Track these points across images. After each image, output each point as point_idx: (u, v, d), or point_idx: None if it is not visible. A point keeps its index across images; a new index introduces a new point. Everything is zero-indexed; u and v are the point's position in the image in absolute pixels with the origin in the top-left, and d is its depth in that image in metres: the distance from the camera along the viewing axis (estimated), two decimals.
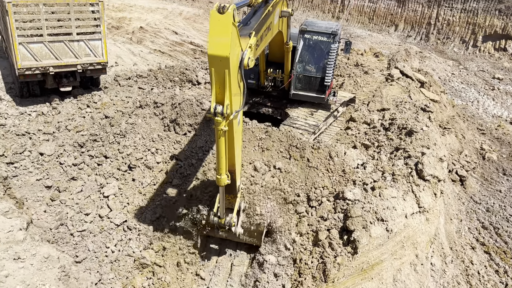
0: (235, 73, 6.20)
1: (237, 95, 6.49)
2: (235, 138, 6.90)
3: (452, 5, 30.41)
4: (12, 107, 12.48)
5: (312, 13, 38.81)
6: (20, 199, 9.28)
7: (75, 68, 12.56)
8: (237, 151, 7.17)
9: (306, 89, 11.92)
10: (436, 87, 16.37)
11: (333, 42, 11.24)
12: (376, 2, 35.41)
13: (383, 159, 9.94)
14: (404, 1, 33.34)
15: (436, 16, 31.20)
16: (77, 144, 11.16)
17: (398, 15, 33.85)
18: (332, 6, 38.09)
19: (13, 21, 11.26)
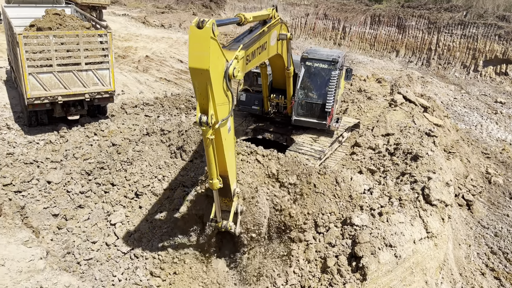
0: (219, 84, 6.41)
1: (224, 104, 6.71)
2: (225, 145, 7.06)
3: (451, 31, 30.90)
4: (21, 136, 12.64)
5: (314, 41, 39.46)
6: (37, 228, 9.32)
7: (83, 97, 12.78)
8: (228, 158, 7.32)
9: (308, 115, 12.04)
10: (440, 111, 16.49)
11: (334, 69, 11.40)
12: (376, 29, 36.02)
13: (390, 184, 9.94)
14: (404, 27, 33.92)
15: (436, 42, 31.66)
16: (84, 172, 11.26)
17: (399, 41, 34.36)
18: (334, 33, 38.74)
19: (24, 52, 11.54)
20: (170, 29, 35.27)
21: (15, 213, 9.47)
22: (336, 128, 12.41)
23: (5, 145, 11.92)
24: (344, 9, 39.15)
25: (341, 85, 12.98)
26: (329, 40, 38.76)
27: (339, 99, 13.34)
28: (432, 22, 32.22)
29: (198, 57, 5.99)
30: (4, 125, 12.95)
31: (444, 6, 33.32)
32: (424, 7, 34.44)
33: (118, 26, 32.37)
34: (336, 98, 12.41)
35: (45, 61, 11.93)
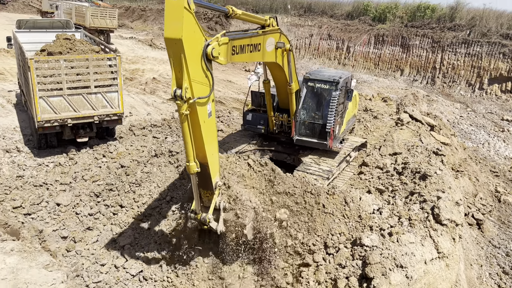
0: (194, 59, 6.64)
1: (203, 84, 6.91)
2: (203, 128, 7.13)
3: (456, 50, 31.12)
4: (30, 159, 12.76)
5: (318, 61, 39.85)
6: (54, 251, 9.33)
7: (92, 119, 12.93)
8: (208, 145, 7.36)
9: (309, 135, 12.09)
10: (446, 130, 16.49)
11: (335, 90, 11.46)
12: (380, 48, 36.37)
13: (399, 203, 9.90)
14: (408, 47, 34.22)
15: (440, 61, 31.87)
16: (93, 194, 11.31)
17: (403, 60, 34.63)
18: (338, 53, 39.13)
19: (35, 76, 11.75)
20: None
21: (33, 236, 9.53)
22: (339, 148, 12.38)
23: (15, 167, 12.03)
24: (348, 29, 39.63)
25: (348, 106, 13.00)
26: (333, 60, 39.13)
27: (347, 120, 13.28)
28: (436, 41, 32.50)
29: (172, 27, 6.24)
30: (14, 148, 13.09)
31: (448, 25, 33.65)
32: (428, 26, 34.80)
33: (125, 49, 32.92)
34: (341, 119, 12.44)
35: (55, 84, 12.12)
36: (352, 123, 14.64)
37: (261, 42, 9.39)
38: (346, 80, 12.07)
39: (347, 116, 13.20)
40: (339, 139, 12.52)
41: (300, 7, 47.46)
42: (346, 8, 44.29)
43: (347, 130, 13.66)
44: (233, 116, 17.94)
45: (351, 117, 14.03)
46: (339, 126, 12.24)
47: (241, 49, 8.42)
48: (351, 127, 14.56)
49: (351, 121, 14.10)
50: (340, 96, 11.69)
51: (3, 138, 13.70)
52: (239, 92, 23.87)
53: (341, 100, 11.91)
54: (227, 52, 7.69)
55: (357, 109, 15.40)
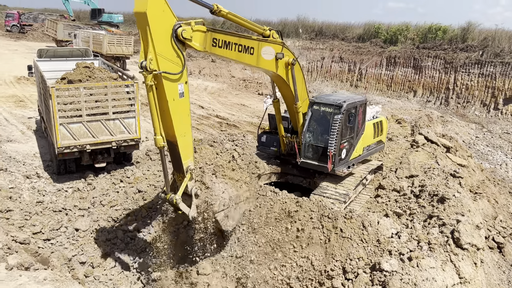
0: (161, 35, 7.22)
1: (171, 61, 7.47)
2: (172, 107, 7.58)
3: (469, 70, 31.07)
4: (50, 184, 12.98)
5: (330, 83, 40.10)
6: (82, 279, 9.41)
7: (110, 145, 13.16)
8: (178, 124, 7.75)
9: (313, 158, 12.10)
10: (463, 151, 16.34)
11: (338, 113, 11.47)
12: (393, 70, 36.49)
13: (417, 227, 9.78)
14: (421, 68, 34.28)
15: (454, 81, 31.81)
16: (111, 219, 11.43)
17: (416, 82, 34.64)
18: (350, 75, 39.35)
19: (56, 104, 12.07)
20: (190, 76, 36.39)
21: (62, 265, 9.63)
22: (343, 173, 12.19)
23: (35, 193, 12.25)
24: (360, 51, 39.94)
25: (364, 129, 12.79)
26: (345, 82, 39.33)
27: (365, 145, 12.99)
28: (448, 62, 32.52)
29: (140, 2, 6.94)
30: (35, 173, 13.34)
31: (460, 46, 33.70)
32: (440, 47, 34.89)
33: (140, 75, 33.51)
34: (351, 144, 12.23)
35: (75, 111, 12.42)
36: (376, 150, 14.13)
37: (254, 47, 9.76)
38: (353, 104, 11.90)
39: (364, 142, 12.94)
40: (346, 164, 12.30)
41: (312, 30, 48.08)
42: (357, 31, 44.72)
43: (364, 156, 13.34)
44: (248, 140, 18.04)
45: (373, 143, 13.63)
46: (346, 151, 12.09)
47: (225, 45, 8.83)
48: (373, 153, 14.16)
49: (372, 147, 13.66)
50: (344, 119, 11.59)
51: (23, 164, 14.00)
52: (253, 116, 24.08)
53: (348, 124, 11.83)
54: (204, 40, 8.23)
55: (384, 135, 14.58)
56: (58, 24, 45.23)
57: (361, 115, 12.56)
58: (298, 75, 11.74)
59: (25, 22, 62.41)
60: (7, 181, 12.33)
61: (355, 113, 12.06)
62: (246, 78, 37.64)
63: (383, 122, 14.23)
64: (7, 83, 26.91)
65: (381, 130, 14.03)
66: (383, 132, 14.29)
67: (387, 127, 14.84)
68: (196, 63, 40.47)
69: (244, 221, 10.03)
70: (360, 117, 12.53)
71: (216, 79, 36.36)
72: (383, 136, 14.39)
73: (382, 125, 14.16)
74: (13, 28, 62.13)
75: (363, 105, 12.55)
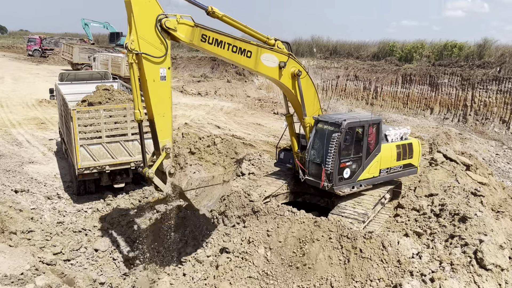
0: (144, 21, 8.07)
1: (154, 47, 8.29)
2: (152, 87, 8.35)
3: (486, 87, 30.74)
4: (70, 205, 13.18)
5: (346, 101, 40.08)
6: None
7: (129, 165, 13.34)
8: (156, 105, 8.51)
9: (315, 175, 12.07)
10: (483, 169, 16.07)
11: (336, 132, 11.44)
12: (408, 87, 36.32)
13: (439, 247, 9.60)
14: (437, 85, 34.05)
15: (471, 98, 31.47)
16: (130, 240, 11.50)
17: (432, 99, 34.37)
18: (365, 93, 39.28)
19: (76, 126, 12.34)
20: (207, 96, 36.84)
21: (87, 286, 9.69)
22: (344, 193, 11.99)
23: (55, 214, 12.44)
24: (374, 70, 39.94)
25: (380, 150, 12.48)
26: (361, 100, 39.26)
27: (381, 167, 12.68)
28: (465, 79, 32.26)
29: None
30: (55, 194, 13.58)
31: (476, 63, 33.46)
32: (456, 64, 34.69)
33: None
34: (357, 164, 12.08)
35: (95, 133, 12.68)
36: (403, 173, 13.52)
37: (252, 51, 10.34)
38: (357, 123, 11.75)
39: (383, 163, 12.61)
40: (350, 184, 12.08)
41: (326, 50, 48.39)
42: (371, 49, 44.85)
43: (385, 179, 12.99)
44: (264, 159, 18.09)
45: (398, 166, 13.15)
46: (350, 170, 11.94)
47: (216, 42, 9.52)
48: (398, 176, 13.52)
49: (396, 170, 13.17)
50: (343, 138, 11.46)
51: (44, 185, 14.26)
52: (269, 135, 24.15)
53: (346, 143, 11.68)
54: (192, 34, 9.03)
55: (416, 159, 13.76)
56: (74, 47, 46.59)
57: (374, 135, 12.31)
58: (308, 89, 11.93)
59: (46, 47, 64.39)
60: (29, 202, 12.57)
61: (363, 132, 11.94)
62: (261, 98, 37.89)
63: (413, 144, 13.59)
64: (29, 106, 27.64)
65: (409, 153, 13.38)
66: (413, 155, 13.57)
67: (420, 150, 13.99)
68: (212, 84, 41.02)
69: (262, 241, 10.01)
70: (373, 137, 12.29)
71: (232, 99, 36.71)
72: (414, 159, 13.66)
73: (412, 147, 13.51)
74: (35, 52, 64.12)
75: (376, 124, 12.31)
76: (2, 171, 14.61)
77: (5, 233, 10.16)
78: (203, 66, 52.43)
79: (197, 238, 11.03)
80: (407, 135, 13.65)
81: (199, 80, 44.62)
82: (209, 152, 9.52)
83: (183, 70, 53.45)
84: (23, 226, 11.16)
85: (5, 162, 15.68)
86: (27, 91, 32.54)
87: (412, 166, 13.71)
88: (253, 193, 11.59)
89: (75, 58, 45.91)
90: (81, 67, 44.69)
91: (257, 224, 10.79)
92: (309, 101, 11.95)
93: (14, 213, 11.89)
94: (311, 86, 12.24)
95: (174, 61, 57.38)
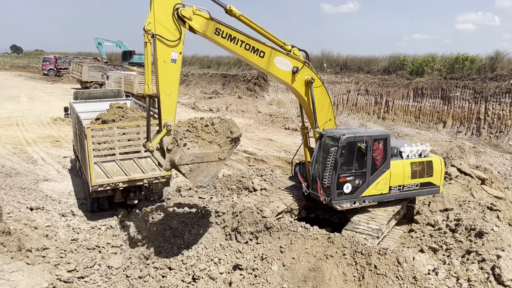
0: (162, 7, 8.92)
1: (168, 31, 9.04)
2: (161, 67, 9.05)
3: (500, 100, 30.48)
4: (84, 222, 13.28)
5: (357, 116, 40.02)
6: None
7: (142, 182, 13.44)
8: (164, 84, 9.17)
9: (315, 189, 12.02)
10: (499, 183, 15.84)
11: (334, 146, 11.39)
12: (420, 101, 36.17)
13: (455, 263, 9.43)
14: (449, 98, 33.86)
15: (485, 111, 31.20)
16: (143, 256, 11.51)
17: (444, 112, 34.15)
18: (377, 108, 39.20)
19: (91, 144, 12.52)
20: (218, 112, 37.09)
21: None
22: (342, 208, 11.76)
23: (70, 231, 12.54)
24: (386, 84, 39.92)
25: (389, 166, 12.09)
26: (372, 114, 39.18)
27: (392, 184, 12.27)
28: (478, 92, 32.05)
29: None
30: (69, 211, 13.71)
31: (489, 75, 33.26)
32: (468, 77, 34.52)
33: None
34: (360, 179, 11.90)
35: (108, 150, 12.83)
36: (420, 192, 12.81)
37: (266, 51, 10.86)
38: (358, 138, 11.56)
39: (394, 180, 12.22)
40: (352, 199, 11.86)
41: (336, 65, 48.56)
42: (382, 63, 44.88)
43: (397, 197, 12.50)
44: (276, 174, 18.07)
45: (413, 184, 12.53)
46: (351, 186, 11.79)
47: (229, 37, 10.20)
48: (414, 195, 12.97)
49: (411, 188, 12.55)
50: (341, 152, 11.27)
51: (59, 203, 14.42)
52: (280, 150, 24.18)
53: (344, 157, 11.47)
54: (206, 26, 9.77)
55: (437, 178, 12.87)
56: (83, 66, 47.24)
57: (381, 151, 11.98)
58: (321, 99, 12.06)
59: (61, 66, 65.77)
60: (44, 220, 12.71)
61: (366, 148, 11.75)
62: (273, 113, 38.03)
63: (433, 162, 12.82)
64: (44, 124, 28.13)
65: (427, 171, 12.70)
66: (433, 174, 12.78)
67: (443, 169, 13.13)
68: (223, 100, 41.34)
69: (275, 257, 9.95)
70: (379, 153, 11.99)
71: (243, 114, 36.91)
72: (434, 178, 12.83)
73: (432, 166, 12.76)
74: (49, 71, 65.51)
75: (383, 140, 11.94)
76: (18, 189, 14.83)
77: (22, 250, 10.26)
78: (214, 83, 52.97)
79: (210, 254, 10.99)
80: (426, 152, 13.00)
81: (210, 97, 45.05)
82: (206, 131, 9.87)
83: (195, 87, 54.03)
84: (38, 244, 11.27)
85: (20, 180, 15.93)
86: (42, 110, 33.16)
87: (433, 185, 12.91)
88: (266, 209, 11.56)
89: (84, 76, 46.57)
90: (90, 85, 45.33)
91: (270, 240, 10.74)
92: (322, 112, 12.03)
93: (29, 230, 12.03)
94: (326, 97, 12.28)
95: (186, 78, 58.13)
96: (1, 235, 9.92)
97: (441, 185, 13.19)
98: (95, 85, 45.39)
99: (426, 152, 12.96)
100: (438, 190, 13.09)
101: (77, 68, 49.69)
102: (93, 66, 48.97)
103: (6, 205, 12.99)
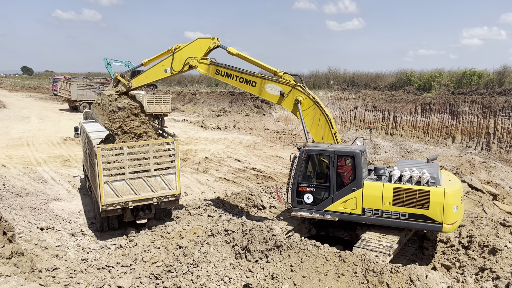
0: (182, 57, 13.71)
1: (178, 67, 13.84)
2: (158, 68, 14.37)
3: (509, 114, 30.33)
4: (93, 241, 13.29)
5: (365, 132, 39.94)
6: None
7: (151, 201, 13.46)
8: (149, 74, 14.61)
9: None
10: (511, 198, 15.65)
11: (298, 157, 12.20)
12: (428, 116, 36.09)
13: (469, 281, 9.28)
14: (458, 113, 33.76)
15: (494, 126, 31.03)
16: (153, 276, 11.45)
17: (453, 127, 34.01)
18: (385, 124, 39.15)
19: (101, 163, 12.62)
20: (226, 130, 37.26)
21: None
22: (299, 216, 12.32)
23: (80, 251, 12.55)
24: (393, 99, 39.94)
25: (361, 186, 11.48)
26: (380, 130, 39.10)
27: (358, 202, 11.65)
28: (486, 107, 31.94)
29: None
30: (79, 231, 13.74)
31: (497, 90, 33.19)
32: (476, 92, 34.47)
33: (178, 130, 34.76)
34: (323, 192, 12.03)
35: (118, 170, 12.91)
36: (410, 225, 11.16)
37: (257, 81, 13.20)
38: (321, 152, 12.01)
39: (368, 203, 11.51)
40: (311, 211, 12.21)
41: (343, 81, 48.77)
42: (389, 79, 45.03)
43: (374, 221, 11.58)
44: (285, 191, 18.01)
45: (399, 212, 11.16)
46: (313, 197, 12.14)
47: (226, 75, 13.55)
48: (400, 226, 11.35)
49: (396, 216, 11.22)
50: (301, 163, 12.04)
51: (69, 222, 14.46)
52: (288, 167, 24.13)
53: (304, 169, 12.21)
54: (208, 69, 13.72)
55: (439, 213, 10.54)
56: (72, 84, 45.82)
57: (349, 168, 11.63)
58: (311, 116, 12.78)
59: None
60: (54, 239, 12.74)
61: (330, 163, 11.74)
62: (280, 130, 38.11)
63: (431, 193, 10.58)
64: (54, 144, 28.42)
65: (420, 202, 10.74)
66: (429, 206, 10.61)
67: (446, 203, 10.47)
68: (231, 117, 41.54)
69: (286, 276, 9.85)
70: (346, 170, 11.73)
71: (251, 132, 37.03)
72: (431, 212, 10.63)
73: (428, 196, 10.62)
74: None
75: (351, 157, 11.49)
76: (29, 208, 14.93)
77: (35, 271, 10.27)
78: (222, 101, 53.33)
79: (220, 273, 10.91)
80: (431, 178, 10.88)
81: (218, 115, 45.30)
82: None
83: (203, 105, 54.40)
84: (48, 264, 11.28)
85: (31, 200, 16.04)
86: (52, 130, 33.55)
87: (431, 220, 10.70)
88: (275, 227, 11.50)
89: (73, 95, 45.05)
90: (79, 104, 44.41)
91: (280, 259, 10.66)
92: (314, 130, 12.86)
93: (40, 250, 12.08)
94: (318, 113, 12.66)
95: (194, 96, 58.66)
96: (14, 256, 9.93)
97: (447, 222, 10.59)
98: (84, 104, 44.58)
99: (425, 180, 10.84)
100: (440, 228, 10.64)
101: (65, 87, 47.62)
102: (82, 84, 47.31)
103: (17, 225, 13.07)
